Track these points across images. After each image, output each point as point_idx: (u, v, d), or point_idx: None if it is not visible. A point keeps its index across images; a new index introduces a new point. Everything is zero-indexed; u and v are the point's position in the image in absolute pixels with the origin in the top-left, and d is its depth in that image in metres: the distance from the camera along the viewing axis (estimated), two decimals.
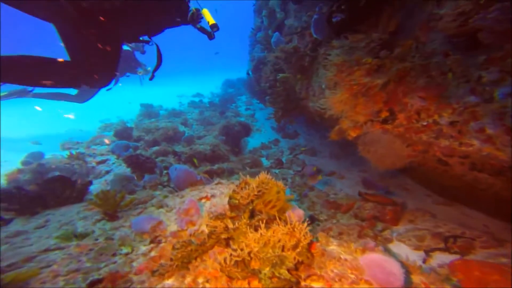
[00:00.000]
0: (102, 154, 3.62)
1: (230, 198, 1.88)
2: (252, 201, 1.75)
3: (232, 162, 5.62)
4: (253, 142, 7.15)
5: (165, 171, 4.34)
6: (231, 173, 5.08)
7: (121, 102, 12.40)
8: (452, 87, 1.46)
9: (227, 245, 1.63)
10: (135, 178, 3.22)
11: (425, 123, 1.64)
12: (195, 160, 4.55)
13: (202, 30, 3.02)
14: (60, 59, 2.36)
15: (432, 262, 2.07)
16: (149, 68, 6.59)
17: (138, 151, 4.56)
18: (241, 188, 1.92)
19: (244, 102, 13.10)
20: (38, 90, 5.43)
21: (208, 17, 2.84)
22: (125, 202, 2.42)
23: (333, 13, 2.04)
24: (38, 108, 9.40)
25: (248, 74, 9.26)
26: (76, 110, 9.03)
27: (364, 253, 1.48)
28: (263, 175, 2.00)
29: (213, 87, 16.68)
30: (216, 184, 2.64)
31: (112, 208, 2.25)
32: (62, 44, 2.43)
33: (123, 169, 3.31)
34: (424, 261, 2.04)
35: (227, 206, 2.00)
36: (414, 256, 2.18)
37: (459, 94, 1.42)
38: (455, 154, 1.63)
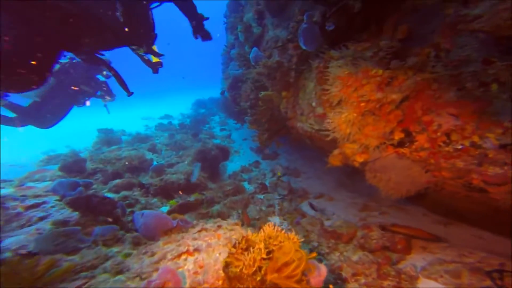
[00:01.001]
0: (37, 196, 2.77)
1: (228, 265, 1.35)
2: (260, 268, 1.25)
3: (211, 190, 5.02)
4: (232, 165, 6.63)
5: (129, 209, 3.58)
6: (211, 204, 4.47)
7: (73, 128, 10.98)
8: (499, 101, 1.23)
9: None
10: (83, 227, 2.46)
11: (459, 147, 1.38)
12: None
13: (147, 61, 2.81)
14: None
15: None
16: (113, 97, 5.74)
17: (92, 190, 3.75)
18: (241, 250, 1.40)
19: (218, 123, 12.64)
20: None
21: (154, 58, 2.71)
22: (55, 272, 1.68)
23: (326, 20, 1.81)
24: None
25: (222, 93, 8.94)
26: (12, 139, 7.65)
27: None
28: (268, 228, 1.53)
29: (182, 108, 16.02)
30: (199, 231, 2.08)
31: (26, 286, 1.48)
32: None
33: (67, 213, 2.53)
34: None
35: (221, 274, 1.46)
36: None
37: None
38: (506, 182, 1.40)
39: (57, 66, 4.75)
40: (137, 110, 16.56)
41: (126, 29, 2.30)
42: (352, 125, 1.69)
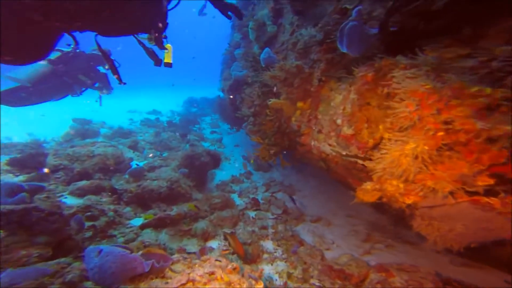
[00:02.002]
0: None
1: None
2: None
3: (196, 202, 4.33)
4: (221, 174, 5.98)
5: (89, 223, 2.77)
6: (195, 219, 3.78)
7: (45, 114, 9.54)
8: None
9: None
10: (6, 252, 1.70)
11: None
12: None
13: (150, 53, 2.65)
14: None
15: None
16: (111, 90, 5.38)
17: (43, 195, 2.95)
18: None
19: (209, 124, 11.92)
20: None
21: (168, 56, 2.62)
22: None
23: (390, 16, 1.31)
24: None
25: (219, 95, 8.31)
26: None
27: None
28: None
29: (173, 104, 15.10)
30: (184, 284, 1.43)
31: None
32: None
33: None
34: None
35: None
36: None
37: None
38: None
39: (58, 54, 4.58)
40: (124, 101, 15.37)
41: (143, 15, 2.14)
42: (419, 160, 1.18)
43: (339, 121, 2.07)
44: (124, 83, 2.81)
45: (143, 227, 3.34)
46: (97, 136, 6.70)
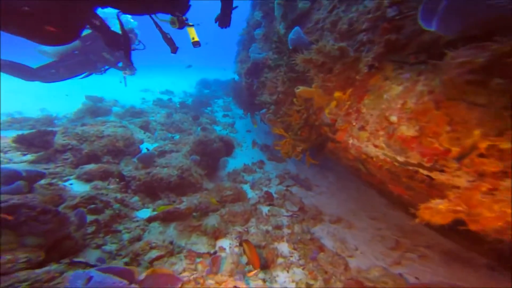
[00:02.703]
0: None
1: None
2: None
3: (206, 192, 4.05)
4: (232, 161, 5.65)
5: (92, 217, 2.51)
6: (205, 214, 3.51)
7: (59, 90, 9.37)
8: None
9: None
10: None
11: None
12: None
13: (168, 40, 2.62)
14: None
15: None
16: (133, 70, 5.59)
17: (44, 181, 2.70)
18: None
19: (221, 107, 11.49)
20: None
21: (193, 33, 2.54)
22: None
23: None
24: None
25: (234, 78, 7.78)
26: None
27: None
28: None
29: (186, 85, 14.66)
30: None
31: None
32: None
33: None
34: None
35: None
36: None
37: None
38: None
39: (88, 31, 4.49)
40: (137, 80, 15.05)
41: None
42: None
43: (393, 118, 1.61)
44: (177, 48, 2.70)
45: (150, 220, 3.09)
46: (109, 114, 6.45)
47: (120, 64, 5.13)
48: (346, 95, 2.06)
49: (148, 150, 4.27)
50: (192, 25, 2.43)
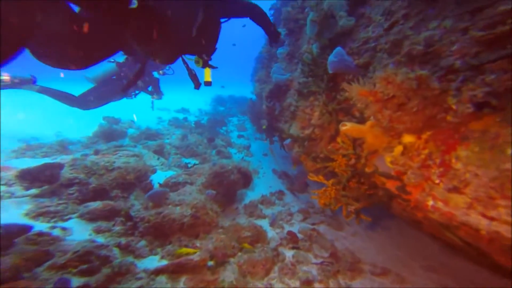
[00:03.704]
0: None
1: None
2: None
3: (221, 232, 3.51)
4: (251, 194, 5.11)
5: (83, 279, 2.02)
6: (221, 264, 2.95)
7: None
8: None
9: None
10: None
11: None
12: None
13: (193, 76, 2.68)
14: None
15: None
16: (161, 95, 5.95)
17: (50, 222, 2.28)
18: None
19: (236, 126, 11.17)
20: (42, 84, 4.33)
21: (207, 75, 2.63)
22: None
23: None
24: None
25: (251, 99, 7.44)
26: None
27: None
28: None
29: (201, 102, 14.60)
30: None
31: None
32: None
33: None
34: None
35: None
36: None
37: None
38: None
39: (124, 57, 4.74)
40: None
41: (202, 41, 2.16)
42: None
43: None
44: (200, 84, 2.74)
45: (157, 272, 2.57)
46: (124, 137, 6.21)
47: (150, 89, 5.29)
48: (421, 140, 1.51)
49: (160, 185, 3.84)
50: (213, 67, 2.53)
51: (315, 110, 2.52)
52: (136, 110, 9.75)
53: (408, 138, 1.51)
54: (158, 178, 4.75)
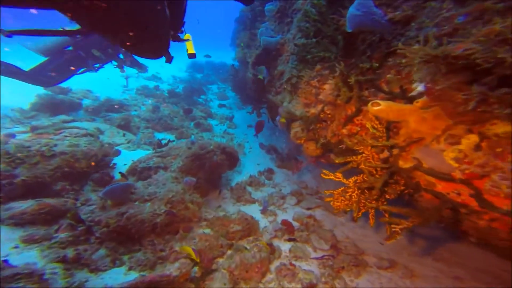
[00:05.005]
0: None
1: None
2: None
3: (206, 227, 2.90)
4: (238, 177, 4.44)
5: None
6: (208, 273, 2.37)
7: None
8: None
9: None
10: None
11: None
12: None
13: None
14: None
15: None
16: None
17: None
18: None
19: (216, 94, 10.02)
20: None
21: (190, 47, 2.44)
22: None
23: None
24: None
25: (233, 65, 6.32)
26: None
27: None
28: None
29: (175, 68, 12.82)
30: None
31: None
32: None
33: None
34: None
35: None
36: None
37: None
38: None
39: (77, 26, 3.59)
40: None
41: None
42: None
43: None
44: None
45: None
46: (77, 110, 4.96)
47: (114, 62, 4.81)
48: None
49: (122, 174, 2.97)
50: (187, 40, 2.37)
51: (325, 82, 1.78)
52: (96, 79, 8.07)
53: (500, 128, 0.87)
54: (124, 160, 3.85)
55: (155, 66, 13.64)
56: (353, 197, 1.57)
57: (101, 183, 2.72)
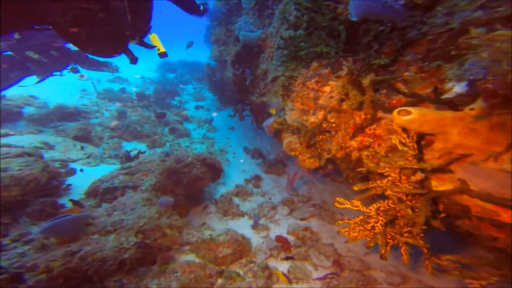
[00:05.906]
0: None
1: None
2: None
3: (189, 252, 2.44)
4: (221, 189, 3.98)
5: None
6: None
7: None
8: None
9: None
10: None
11: None
12: None
13: (129, 53, 2.35)
14: None
15: None
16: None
17: None
18: None
19: (192, 95, 9.35)
20: None
21: (160, 46, 2.45)
22: None
23: None
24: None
25: (209, 64, 5.82)
26: None
27: None
28: None
29: (144, 69, 11.82)
30: None
31: None
32: None
33: None
34: None
35: None
36: None
37: None
38: None
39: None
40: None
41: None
42: None
43: None
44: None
45: None
46: (16, 120, 4.10)
47: (70, 67, 4.13)
48: None
49: (73, 202, 2.37)
50: (150, 47, 2.33)
51: (325, 83, 1.46)
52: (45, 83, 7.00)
53: None
54: (82, 180, 3.19)
55: (120, 65, 12.45)
56: (376, 228, 1.26)
57: (40, 216, 2.11)
